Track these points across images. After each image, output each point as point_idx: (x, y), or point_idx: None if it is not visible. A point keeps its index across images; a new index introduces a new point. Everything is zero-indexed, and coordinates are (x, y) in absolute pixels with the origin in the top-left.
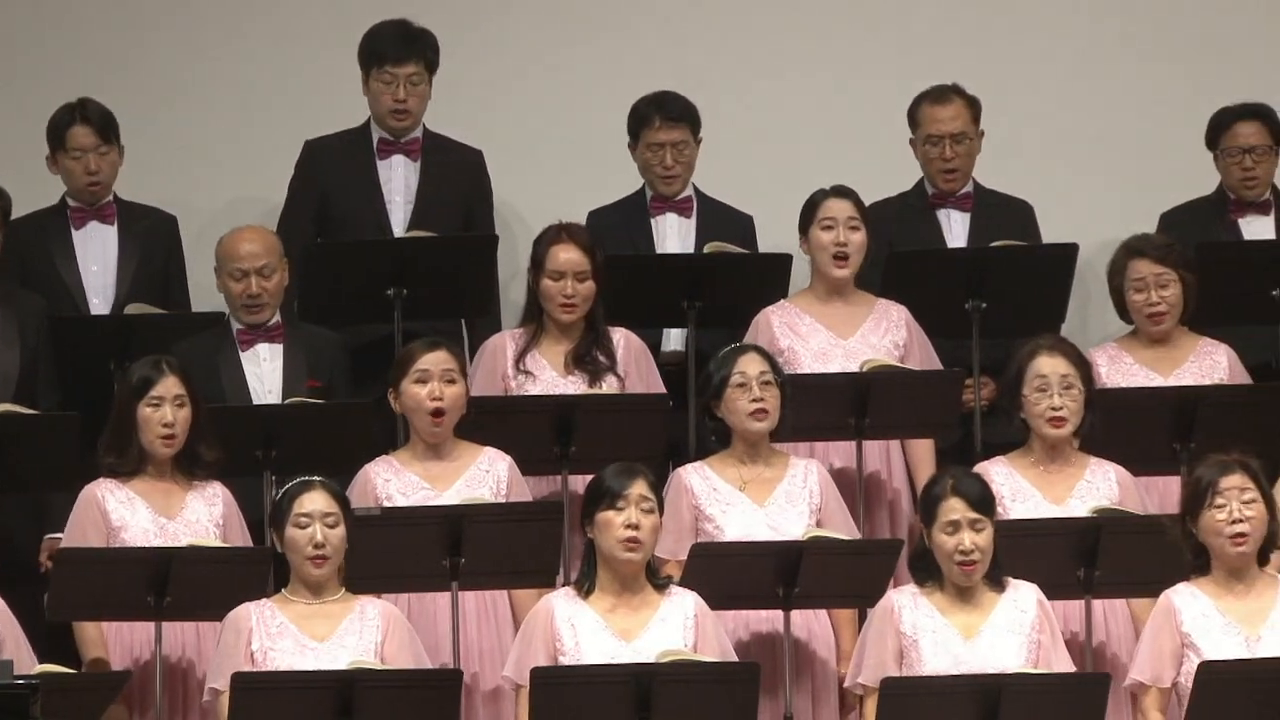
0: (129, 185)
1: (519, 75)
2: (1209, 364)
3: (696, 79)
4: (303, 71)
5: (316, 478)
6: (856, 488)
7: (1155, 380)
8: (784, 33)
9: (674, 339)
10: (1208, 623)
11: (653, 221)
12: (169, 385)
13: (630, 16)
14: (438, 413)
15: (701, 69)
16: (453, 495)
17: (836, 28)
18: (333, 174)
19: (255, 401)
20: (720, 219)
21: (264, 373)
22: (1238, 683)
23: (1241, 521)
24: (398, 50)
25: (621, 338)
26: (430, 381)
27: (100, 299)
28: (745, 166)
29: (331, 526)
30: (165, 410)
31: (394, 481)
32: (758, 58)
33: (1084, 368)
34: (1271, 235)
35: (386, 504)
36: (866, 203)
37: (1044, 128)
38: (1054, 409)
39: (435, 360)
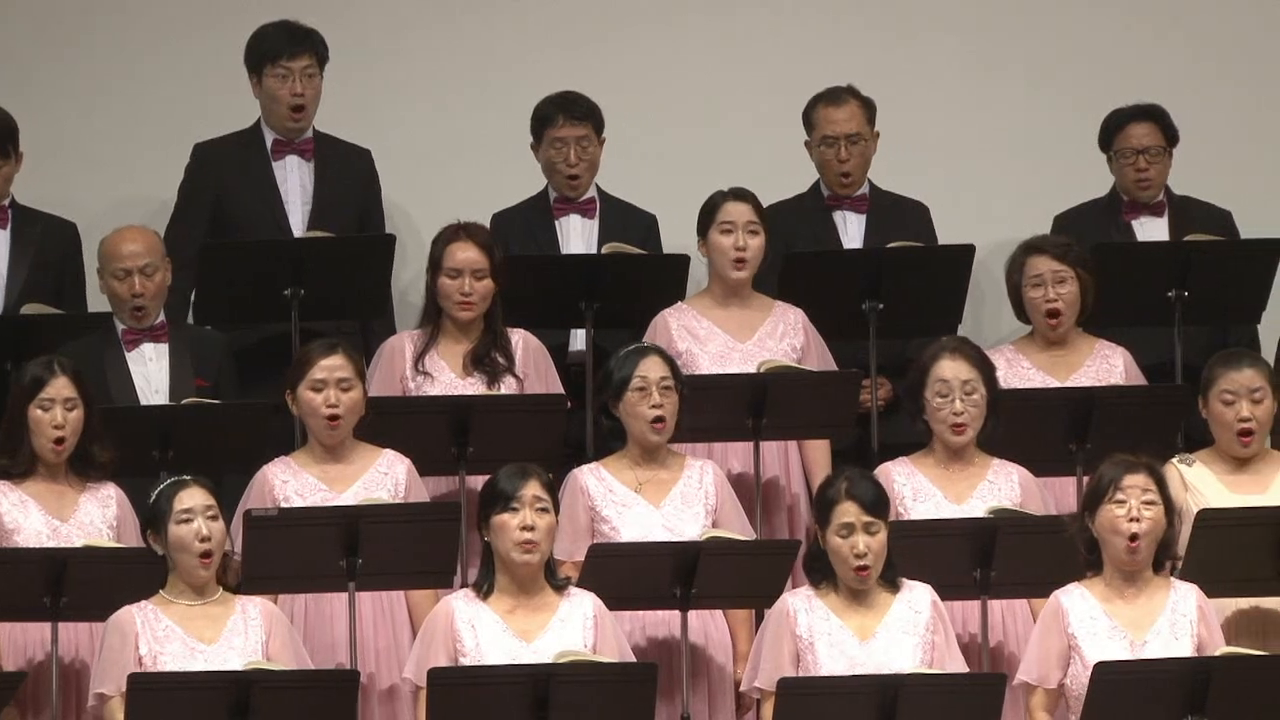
0: (17, 184)
1: (415, 78)
2: (1105, 368)
3: (599, 80)
4: (188, 70)
5: (188, 475)
6: (754, 489)
7: (1051, 384)
8: (684, 35)
9: (581, 340)
10: (1094, 625)
11: (557, 223)
12: (59, 387)
13: (531, 17)
14: (333, 418)
15: (603, 70)
16: (350, 497)
17: (735, 30)
18: (227, 177)
19: (142, 401)
20: (623, 219)
21: (150, 372)
22: (1132, 684)
23: (1138, 521)
24: (290, 45)
25: (520, 339)
26: (326, 389)
27: None
28: (648, 167)
29: (213, 520)
30: (56, 412)
31: (292, 483)
32: (659, 58)
33: (987, 370)
34: (1165, 236)
35: (284, 505)
36: (765, 204)
37: (938, 130)
38: (955, 414)
39: (331, 366)
